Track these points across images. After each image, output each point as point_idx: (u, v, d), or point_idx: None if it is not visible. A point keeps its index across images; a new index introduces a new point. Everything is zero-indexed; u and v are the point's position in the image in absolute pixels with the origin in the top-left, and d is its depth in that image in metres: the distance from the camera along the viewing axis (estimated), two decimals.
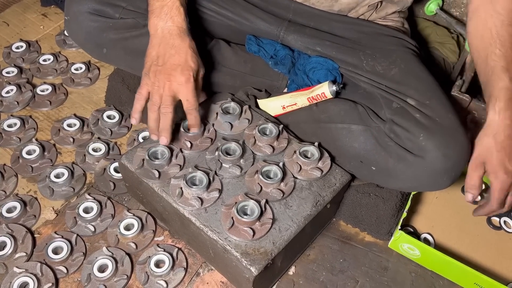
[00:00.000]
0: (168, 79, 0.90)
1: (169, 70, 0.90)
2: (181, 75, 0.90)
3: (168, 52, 0.91)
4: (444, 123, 0.94)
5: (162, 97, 0.90)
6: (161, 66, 0.91)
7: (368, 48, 1.08)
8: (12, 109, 1.27)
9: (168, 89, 0.90)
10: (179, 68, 0.90)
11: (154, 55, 0.92)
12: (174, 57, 0.91)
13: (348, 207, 1.07)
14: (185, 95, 0.91)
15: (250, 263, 0.84)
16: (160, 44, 0.93)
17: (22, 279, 0.93)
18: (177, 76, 0.90)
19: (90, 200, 1.06)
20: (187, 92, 0.91)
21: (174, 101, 0.91)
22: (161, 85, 0.90)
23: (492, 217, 1.13)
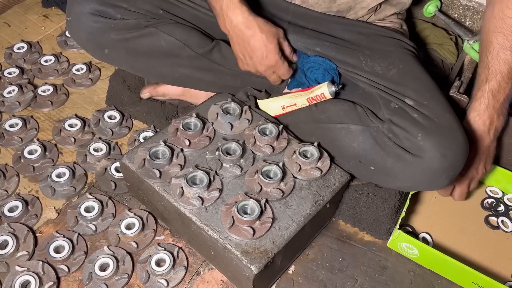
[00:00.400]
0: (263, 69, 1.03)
1: (258, 62, 1.01)
2: (267, 59, 1.01)
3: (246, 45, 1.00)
4: (442, 123, 0.95)
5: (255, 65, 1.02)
6: (251, 61, 1.02)
7: (367, 49, 1.08)
8: (14, 109, 1.28)
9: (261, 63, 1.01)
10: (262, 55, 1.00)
11: (240, 54, 1.03)
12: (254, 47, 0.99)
13: (347, 206, 1.08)
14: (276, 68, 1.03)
15: (250, 262, 0.85)
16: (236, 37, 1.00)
17: (24, 277, 0.93)
18: (264, 61, 1.01)
19: (91, 199, 1.07)
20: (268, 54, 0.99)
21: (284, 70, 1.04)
22: (246, 58, 1.02)
23: (490, 216, 1.14)
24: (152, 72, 1.13)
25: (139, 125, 1.27)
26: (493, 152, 1.08)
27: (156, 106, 1.27)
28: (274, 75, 1.05)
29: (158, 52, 1.08)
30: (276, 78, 1.07)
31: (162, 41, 1.06)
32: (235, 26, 0.97)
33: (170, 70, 1.11)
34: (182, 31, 1.07)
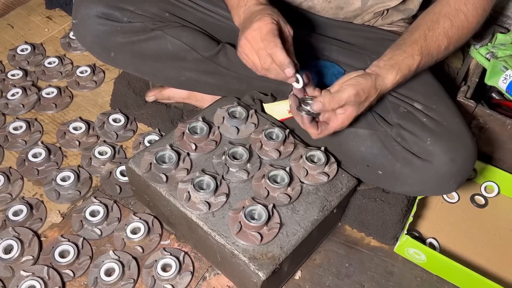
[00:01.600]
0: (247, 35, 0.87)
1: (247, 28, 0.87)
2: (256, 22, 0.86)
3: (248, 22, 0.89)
4: (451, 128, 0.94)
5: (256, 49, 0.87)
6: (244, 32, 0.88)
7: (374, 53, 1.08)
8: (18, 111, 1.27)
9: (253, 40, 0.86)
10: (256, 19, 0.87)
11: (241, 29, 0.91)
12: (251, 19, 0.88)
13: (354, 212, 1.08)
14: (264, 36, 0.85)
15: (258, 268, 0.84)
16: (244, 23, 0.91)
17: (29, 282, 0.93)
18: (253, 25, 0.86)
19: (96, 203, 1.06)
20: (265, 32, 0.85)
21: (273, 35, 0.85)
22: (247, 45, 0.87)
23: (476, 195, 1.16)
24: (158, 75, 1.12)
25: (144, 128, 1.27)
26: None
27: (161, 109, 1.26)
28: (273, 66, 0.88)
29: (164, 56, 1.07)
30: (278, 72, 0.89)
31: (168, 44, 1.05)
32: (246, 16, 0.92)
33: (176, 73, 1.11)
34: (188, 34, 1.06)
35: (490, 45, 1.25)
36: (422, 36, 0.93)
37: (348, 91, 0.85)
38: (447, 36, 0.93)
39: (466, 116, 1.12)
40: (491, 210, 1.17)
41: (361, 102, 0.87)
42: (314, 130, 0.89)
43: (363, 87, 0.86)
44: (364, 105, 0.89)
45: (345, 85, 0.86)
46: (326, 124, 0.89)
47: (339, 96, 0.85)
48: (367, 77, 0.88)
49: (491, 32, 1.32)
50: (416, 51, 0.91)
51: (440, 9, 0.95)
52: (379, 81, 0.89)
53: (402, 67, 0.90)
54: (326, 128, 0.89)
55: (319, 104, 0.85)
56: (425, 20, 0.95)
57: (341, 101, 0.85)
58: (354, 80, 0.87)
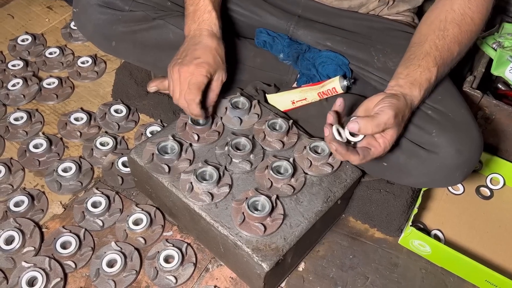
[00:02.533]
0: (182, 70, 0.90)
1: (185, 62, 0.90)
2: (194, 66, 0.89)
3: (191, 48, 0.92)
4: (457, 119, 0.93)
5: (180, 89, 0.91)
6: (181, 59, 0.91)
7: (379, 43, 1.06)
8: (19, 102, 1.26)
9: (183, 79, 0.90)
10: (196, 61, 0.90)
11: (180, 52, 0.94)
12: (195, 52, 0.91)
13: (358, 203, 1.07)
14: (191, 83, 0.90)
15: (262, 259, 0.83)
16: (188, 42, 0.94)
17: (31, 273, 0.92)
18: (190, 67, 0.89)
19: (98, 194, 1.05)
20: (193, 81, 0.89)
21: (197, 89, 0.90)
22: (176, 76, 0.91)
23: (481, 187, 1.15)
24: (159, 65, 1.11)
25: (145, 119, 1.25)
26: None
27: (163, 100, 1.25)
28: (186, 110, 0.93)
29: (166, 45, 1.06)
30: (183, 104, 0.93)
31: (170, 33, 1.04)
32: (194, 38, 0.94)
33: None
34: None
35: (497, 35, 1.23)
36: (433, 47, 0.89)
37: (387, 113, 0.79)
38: (458, 42, 0.91)
39: (472, 106, 1.10)
40: (497, 202, 1.16)
41: (399, 123, 0.83)
42: (355, 157, 0.81)
43: (399, 107, 0.82)
44: (401, 126, 0.85)
45: (380, 107, 0.81)
46: (367, 149, 0.83)
47: (378, 120, 0.79)
48: (397, 97, 0.83)
49: (498, 21, 1.30)
50: (431, 63, 0.88)
51: (445, 16, 0.92)
52: (408, 99, 0.85)
53: (422, 82, 0.87)
54: (368, 154, 0.82)
55: (356, 125, 0.79)
56: (431, 30, 0.92)
57: (380, 125, 0.79)
58: (388, 101, 0.81)
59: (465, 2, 0.92)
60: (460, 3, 0.92)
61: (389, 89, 0.88)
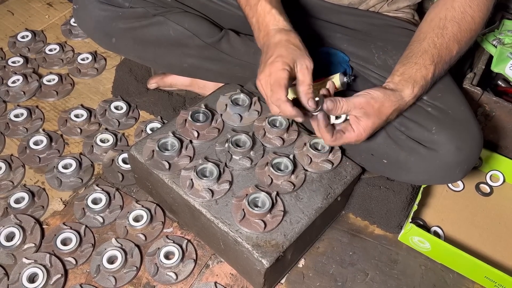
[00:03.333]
0: (261, 79, 0.85)
1: (261, 70, 0.85)
2: (269, 67, 0.83)
3: (264, 55, 0.87)
4: (456, 116, 0.93)
5: (266, 95, 0.86)
6: (260, 69, 0.87)
7: (379, 40, 1.06)
8: (19, 99, 1.26)
9: (265, 85, 0.85)
10: (268, 61, 0.84)
11: (260, 62, 0.88)
12: (267, 55, 0.85)
13: (358, 200, 1.07)
14: (271, 84, 0.83)
15: (262, 255, 0.84)
16: (263, 50, 0.89)
17: (31, 270, 0.92)
18: (266, 70, 0.84)
19: (98, 191, 1.05)
20: (273, 80, 0.82)
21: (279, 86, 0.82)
22: (261, 88, 0.86)
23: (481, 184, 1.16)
24: (159, 62, 1.11)
25: (146, 116, 1.26)
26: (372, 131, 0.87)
27: (163, 96, 1.25)
28: (273, 106, 0.86)
29: (166, 42, 1.06)
30: (276, 110, 0.86)
31: (170, 30, 1.04)
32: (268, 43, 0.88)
33: (178, 60, 1.09)
34: (190, 20, 1.05)
35: (497, 32, 1.23)
36: (432, 45, 0.89)
37: (358, 99, 0.82)
38: (457, 40, 0.91)
39: (472, 103, 1.10)
40: (496, 198, 1.16)
41: (373, 113, 0.83)
42: (328, 136, 0.84)
43: (373, 96, 0.83)
44: (381, 118, 0.85)
45: (358, 93, 0.84)
46: (342, 132, 0.85)
47: (347, 101, 0.82)
48: (382, 90, 0.85)
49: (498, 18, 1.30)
50: (428, 61, 0.88)
51: (445, 14, 0.92)
52: (396, 96, 0.86)
53: (417, 79, 0.87)
54: (341, 137, 0.85)
55: (331, 102, 0.80)
56: (431, 27, 0.92)
57: (348, 107, 0.82)
58: (366, 91, 0.84)
59: (466, 1, 0.92)
60: (460, 1, 0.92)
61: (383, 85, 0.89)
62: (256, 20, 0.90)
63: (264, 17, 0.89)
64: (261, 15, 0.89)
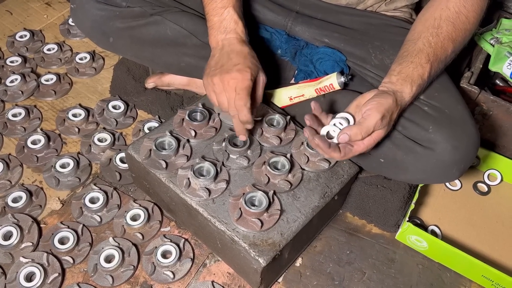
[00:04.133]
0: (225, 78, 0.86)
1: (226, 70, 0.87)
2: (237, 72, 0.86)
3: (226, 57, 0.89)
4: (453, 115, 0.93)
5: (228, 97, 0.87)
6: (219, 69, 0.88)
7: (377, 40, 1.06)
8: (17, 98, 1.26)
9: (228, 86, 0.86)
10: (236, 67, 0.87)
11: (213, 63, 0.91)
12: (231, 60, 0.88)
13: (355, 199, 1.07)
14: (239, 89, 0.85)
15: (259, 254, 0.84)
16: (219, 53, 0.91)
17: (29, 269, 0.92)
18: (233, 73, 0.86)
19: (96, 190, 1.05)
20: (240, 86, 0.85)
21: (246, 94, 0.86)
22: (219, 86, 0.87)
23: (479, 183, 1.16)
24: (157, 61, 1.11)
25: (143, 115, 1.26)
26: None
27: (161, 96, 1.25)
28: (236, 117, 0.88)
29: (164, 41, 1.06)
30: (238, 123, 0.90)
31: (168, 29, 1.04)
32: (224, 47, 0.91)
33: (176, 59, 1.09)
34: (188, 20, 1.05)
35: (495, 31, 1.23)
36: (427, 44, 0.90)
37: (374, 117, 0.81)
38: (452, 39, 0.91)
39: (470, 102, 1.11)
40: (494, 197, 1.16)
41: (387, 123, 0.84)
42: (337, 154, 0.83)
43: (386, 107, 0.82)
44: (390, 124, 0.86)
45: (368, 109, 0.82)
46: (350, 146, 0.84)
47: (367, 126, 0.81)
48: (386, 95, 0.84)
49: (495, 17, 1.30)
50: (424, 60, 0.88)
51: (440, 14, 0.92)
52: (398, 97, 0.86)
53: (415, 78, 0.88)
54: (350, 151, 0.84)
55: (346, 137, 0.81)
56: (425, 27, 0.92)
57: (369, 130, 0.82)
58: (375, 102, 0.83)
59: (460, 1, 0.92)
60: (455, 1, 0.92)
61: (381, 86, 0.89)
62: (219, 21, 0.93)
63: (230, 23, 0.93)
64: (226, 20, 0.93)
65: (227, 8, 0.93)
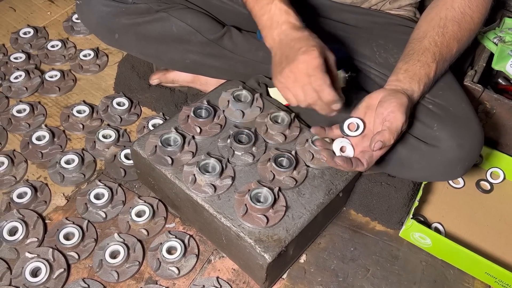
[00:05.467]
0: (292, 66, 0.81)
1: (291, 59, 0.81)
2: (303, 55, 0.79)
3: (288, 49, 0.84)
4: (457, 113, 0.94)
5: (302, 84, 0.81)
6: (284, 62, 0.83)
7: (381, 38, 1.07)
8: (21, 94, 1.26)
9: (299, 73, 0.81)
10: (301, 50, 0.80)
11: (277, 61, 0.85)
12: (294, 48, 0.82)
13: (359, 196, 1.07)
14: (311, 70, 0.79)
15: (264, 250, 0.84)
16: (279, 48, 0.86)
17: (34, 264, 0.93)
18: (300, 57, 0.80)
19: (100, 186, 1.06)
20: (312, 67, 0.79)
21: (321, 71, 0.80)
22: (291, 78, 0.82)
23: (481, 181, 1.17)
24: (162, 58, 1.11)
25: (148, 112, 1.26)
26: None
27: (165, 93, 1.25)
28: (319, 102, 0.83)
29: (169, 38, 1.06)
30: (324, 107, 0.85)
31: (173, 26, 1.04)
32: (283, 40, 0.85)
33: (181, 56, 1.10)
34: (193, 17, 1.05)
35: (498, 29, 1.24)
36: (433, 43, 0.90)
37: (401, 119, 0.82)
38: (457, 39, 0.92)
39: (473, 101, 1.11)
40: (497, 195, 1.17)
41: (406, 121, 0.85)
42: (361, 167, 0.85)
43: (406, 106, 0.83)
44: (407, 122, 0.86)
45: (391, 113, 0.82)
46: (369, 153, 0.85)
47: (396, 129, 0.82)
48: (401, 95, 0.85)
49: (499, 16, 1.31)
50: (430, 59, 0.89)
51: (445, 14, 0.93)
52: (410, 94, 0.87)
53: (422, 77, 0.88)
54: (371, 158, 0.86)
55: (379, 144, 0.82)
56: (431, 26, 0.93)
57: (399, 132, 0.83)
58: (396, 103, 0.83)
59: (465, 1, 0.93)
60: (460, 2, 0.93)
61: (388, 85, 0.89)
62: (269, 18, 0.87)
63: (281, 16, 0.86)
64: (276, 14, 0.87)
65: (273, 2, 0.87)
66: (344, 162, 0.84)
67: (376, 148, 0.82)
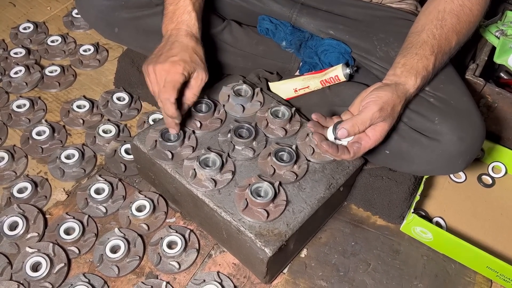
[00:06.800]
0: (157, 68, 0.86)
1: (160, 60, 0.87)
2: (169, 63, 0.86)
3: (167, 47, 0.89)
4: (459, 106, 0.93)
5: (158, 88, 0.87)
6: (156, 58, 0.88)
7: (382, 32, 1.06)
8: (21, 90, 1.26)
9: (158, 77, 0.86)
10: (171, 58, 0.86)
11: (155, 51, 0.90)
12: (171, 51, 0.88)
13: (360, 190, 1.07)
14: (166, 82, 0.85)
15: (265, 244, 0.84)
16: (164, 42, 0.91)
17: (35, 259, 0.93)
18: (165, 65, 0.86)
19: (101, 181, 1.06)
20: (168, 79, 0.85)
21: (172, 88, 0.86)
22: (152, 75, 0.87)
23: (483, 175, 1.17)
24: None
25: (148, 107, 1.26)
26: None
27: None
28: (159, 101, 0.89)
29: None
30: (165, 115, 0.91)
31: None
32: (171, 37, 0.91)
33: None
34: None
35: (500, 23, 1.23)
36: (431, 36, 0.90)
37: (371, 109, 0.82)
38: (456, 31, 0.91)
39: (475, 94, 1.10)
40: (498, 190, 1.16)
41: (388, 115, 0.84)
42: (347, 156, 0.85)
43: (385, 100, 0.83)
44: (394, 117, 0.85)
45: (366, 103, 0.83)
46: (358, 144, 0.85)
47: (362, 118, 0.82)
48: (386, 88, 0.85)
49: (500, 9, 1.30)
50: (428, 51, 0.88)
51: (444, 7, 0.92)
52: (400, 89, 0.86)
53: (419, 70, 0.88)
54: (359, 149, 0.85)
55: (344, 131, 0.82)
56: (429, 19, 0.92)
57: (365, 122, 0.82)
58: (374, 95, 0.83)
59: None
60: None
61: (385, 79, 0.89)
62: (173, 11, 0.92)
63: (182, 14, 0.91)
64: (179, 10, 0.91)
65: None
66: (330, 147, 0.83)
67: (340, 136, 0.83)
